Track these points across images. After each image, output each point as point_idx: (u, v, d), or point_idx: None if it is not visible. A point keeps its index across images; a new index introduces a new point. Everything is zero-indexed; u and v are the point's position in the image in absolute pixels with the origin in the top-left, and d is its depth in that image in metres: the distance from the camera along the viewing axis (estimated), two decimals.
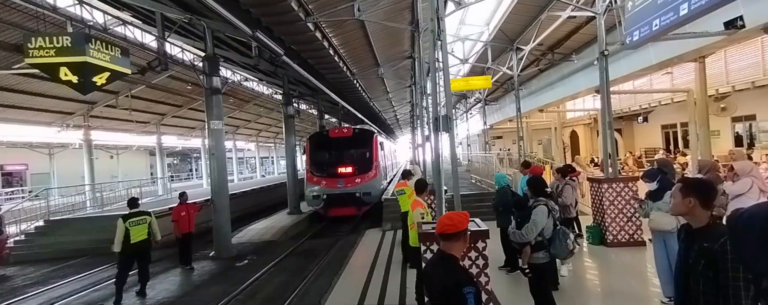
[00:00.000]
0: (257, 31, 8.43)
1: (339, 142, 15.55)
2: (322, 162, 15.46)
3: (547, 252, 4.04)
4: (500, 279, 5.91)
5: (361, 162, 15.14)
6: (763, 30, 7.51)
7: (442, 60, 5.07)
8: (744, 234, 1.18)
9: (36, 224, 12.93)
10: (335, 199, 14.41)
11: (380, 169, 15.66)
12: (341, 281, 6.78)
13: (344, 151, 15.53)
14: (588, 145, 25.51)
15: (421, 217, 5.02)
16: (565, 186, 6.93)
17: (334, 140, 15.61)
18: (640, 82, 16.93)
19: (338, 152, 15.57)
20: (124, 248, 6.94)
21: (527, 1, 11.38)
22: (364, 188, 14.46)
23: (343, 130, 16.55)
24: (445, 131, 5.04)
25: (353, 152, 15.64)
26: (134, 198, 7.74)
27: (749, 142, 14.72)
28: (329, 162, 15.48)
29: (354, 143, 15.63)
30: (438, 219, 2.60)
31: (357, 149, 15.66)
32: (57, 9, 9.81)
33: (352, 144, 15.62)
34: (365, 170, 14.86)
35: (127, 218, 7.05)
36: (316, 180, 14.83)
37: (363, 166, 14.98)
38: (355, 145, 15.64)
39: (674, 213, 2.26)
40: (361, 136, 15.98)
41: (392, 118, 35.21)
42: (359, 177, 14.66)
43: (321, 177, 14.83)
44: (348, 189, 14.41)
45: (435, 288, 2.24)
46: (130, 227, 6.99)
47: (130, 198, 7.75)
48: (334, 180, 14.67)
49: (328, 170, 15.07)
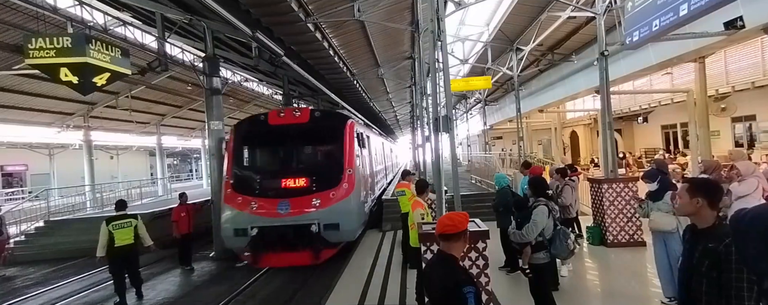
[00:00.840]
0: (257, 31, 8.43)
1: (284, 133, 9.13)
2: (253, 170, 9.35)
3: (548, 252, 4.04)
4: (500, 279, 5.91)
5: (323, 169, 9.12)
6: (763, 30, 7.52)
7: (442, 60, 5.07)
8: (747, 235, 1.18)
9: (36, 225, 12.92)
10: (274, 237, 8.08)
11: (360, 181, 9.22)
12: (341, 281, 6.77)
13: (293, 150, 9.31)
14: (588, 146, 25.52)
15: (421, 218, 5.02)
16: (565, 186, 6.94)
17: (275, 131, 9.20)
18: (640, 83, 16.95)
19: (283, 151, 9.47)
20: (109, 252, 6.70)
21: (527, 2, 11.39)
22: (327, 215, 8.15)
23: (292, 112, 9.47)
24: (445, 131, 5.04)
25: (310, 151, 9.83)
26: (122, 201, 7.47)
27: (749, 143, 14.72)
28: (266, 169, 9.52)
29: (312, 135, 9.38)
30: (438, 220, 2.60)
31: (317, 146, 9.82)
32: (57, 10, 9.81)
33: (309, 137, 9.38)
34: (331, 182, 8.58)
35: (110, 221, 6.80)
36: (240, 201, 8.45)
37: (327, 176, 8.74)
38: (314, 139, 9.54)
39: (681, 214, 2.24)
40: (323, 122, 9.43)
41: (392, 119, 35.21)
42: (319, 196, 8.34)
43: (250, 197, 8.49)
44: (298, 218, 8.09)
45: (435, 288, 2.25)
46: (113, 230, 6.71)
47: (117, 201, 7.51)
48: (273, 202, 8.28)
49: (262, 184, 8.81)
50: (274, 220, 8.09)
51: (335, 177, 8.68)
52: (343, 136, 9.21)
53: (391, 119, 35.19)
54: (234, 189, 8.71)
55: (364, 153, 10.61)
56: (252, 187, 8.75)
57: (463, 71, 19.02)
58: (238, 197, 8.54)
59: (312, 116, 9.38)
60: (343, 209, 8.38)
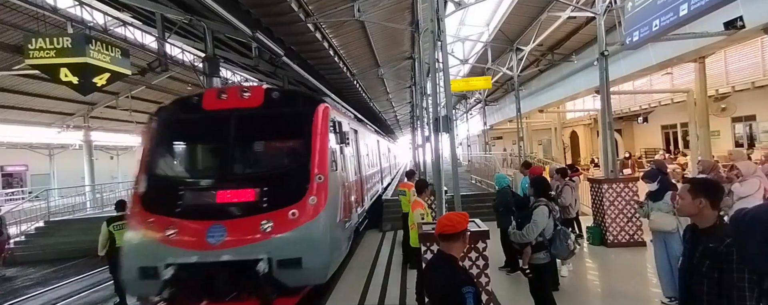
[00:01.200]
0: (257, 31, 8.43)
1: (224, 122, 5.96)
2: (174, 177, 6.03)
3: (548, 252, 4.04)
4: (500, 279, 5.91)
5: (280, 176, 5.85)
6: (763, 30, 7.52)
7: (442, 60, 5.07)
8: (747, 235, 1.17)
9: (36, 225, 12.92)
10: (200, 279, 4.83)
11: (337, 191, 6.12)
12: (341, 281, 6.77)
13: (236, 147, 6.05)
14: (588, 146, 25.52)
15: (421, 218, 5.02)
16: (565, 187, 6.94)
17: (211, 119, 6.10)
18: (640, 83, 16.94)
19: (220, 149, 6.10)
20: (110, 253, 6.68)
21: (527, 2, 11.39)
22: (283, 246, 5.03)
23: (238, 93, 6.18)
24: (446, 132, 5.04)
25: (261, 149, 6.53)
26: (122, 201, 7.46)
27: (749, 143, 14.71)
28: (193, 175, 6.21)
29: (266, 125, 6.14)
30: (437, 220, 2.60)
31: (272, 141, 6.48)
32: (57, 10, 9.81)
33: (261, 128, 6.17)
34: (291, 195, 5.38)
35: (111, 221, 6.80)
36: (152, 224, 5.21)
37: (285, 186, 5.58)
38: (269, 131, 6.23)
39: (683, 215, 2.24)
40: (284, 107, 6.24)
41: (392, 119, 35.22)
42: (273, 216, 5.16)
43: (166, 217, 5.18)
44: (239, 250, 4.94)
45: (434, 288, 2.25)
46: (114, 231, 6.70)
47: (117, 201, 7.51)
48: (201, 225, 5.10)
49: (186, 197, 5.46)
50: (202, 254, 4.89)
51: (298, 187, 5.36)
52: (311, 126, 5.79)
53: (391, 119, 35.20)
54: (143, 206, 5.39)
55: (348, 153, 7.46)
56: (170, 203, 5.29)
57: (463, 71, 19.02)
58: (149, 218, 5.25)
59: (267, 98, 6.02)
60: (309, 236, 5.15)
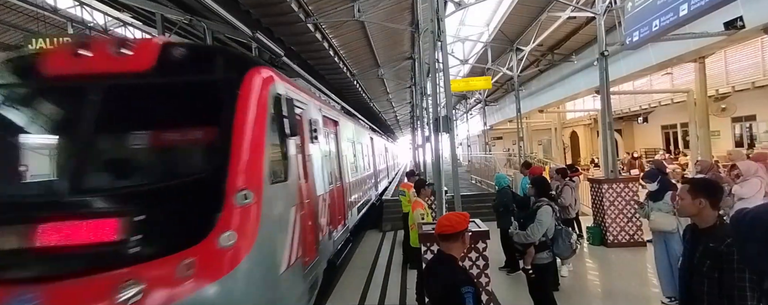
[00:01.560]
0: (257, 32, 8.42)
1: (78, 94, 3.16)
2: None
3: (550, 252, 4.04)
4: (501, 279, 5.90)
5: (167, 195, 2.89)
6: (763, 30, 7.52)
7: (442, 61, 5.07)
8: (747, 235, 1.17)
9: None
10: None
11: (283, 221, 3.37)
12: (341, 281, 6.77)
13: (93, 144, 3.37)
14: (588, 146, 25.53)
15: (422, 218, 5.02)
16: (565, 187, 6.93)
17: (55, 90, 3.37)
18: (640, 83, 16.94)
19: (65, 146, 3.69)
20: None
21: (527, 2, 11.39)
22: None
23: (108, 48, 3.12)
24: (446, 132, 5.04)
25: (140, 145, 3.57)
26: None
27: (749, 143, 14.71)
28: (8, 191, 3.32)
29: (151, 103, 3.27)
30: (437, 220, 2.60)
31: (161, 130, 3.40)
32: (57, 10, 9.82)
33: (143, 107, 3.28)
34: (183, 232, 2.74)
35: None
36: None
37: (173, 214, 2.82)
38: (155, 113, 3.30)
39: (683, 215, 2.24)
40: (185, 72, 3.26)
41: (392, 119, 35.23)
42: (148, 271, 2.52)
43: None
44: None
45: (434, 288, 2.25)
46: None
47: None
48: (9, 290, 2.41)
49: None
50: None
51: (200, 212, 2.87)
52: (233, 105, 3.17)
53: (391, 119, 35.21)
54: None
55: (317, 152, 5.13)
56: None
57: (463, 71, 19.02)
58: None
59: (163, 58, 3.29)
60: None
